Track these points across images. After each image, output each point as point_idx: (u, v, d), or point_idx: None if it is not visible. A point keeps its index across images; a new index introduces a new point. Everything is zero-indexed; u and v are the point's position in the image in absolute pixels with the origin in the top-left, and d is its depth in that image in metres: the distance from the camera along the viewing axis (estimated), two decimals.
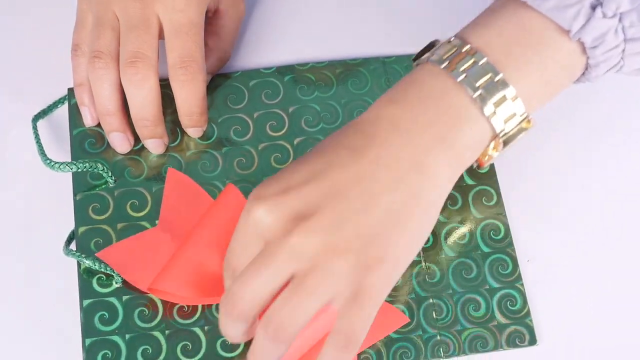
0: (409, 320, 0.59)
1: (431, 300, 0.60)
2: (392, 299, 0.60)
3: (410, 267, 0.61)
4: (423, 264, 0.61)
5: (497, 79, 0.52)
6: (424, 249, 0.61)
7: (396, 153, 0.50)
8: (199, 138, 0.64)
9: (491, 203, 0.63)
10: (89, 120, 0.64)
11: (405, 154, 0.50)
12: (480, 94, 0.51)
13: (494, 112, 0.52)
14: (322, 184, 0.49)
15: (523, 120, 0.53)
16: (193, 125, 0.64)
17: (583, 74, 0.55)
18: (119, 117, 0.63)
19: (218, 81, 0.66)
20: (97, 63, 0.61)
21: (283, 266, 0.49)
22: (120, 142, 0.63)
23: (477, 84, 0.51)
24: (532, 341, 0.59)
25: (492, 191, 0.63)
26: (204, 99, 0.63)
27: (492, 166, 0.64)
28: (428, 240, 0.61)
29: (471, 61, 0.52)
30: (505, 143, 0.53)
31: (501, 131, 0.52)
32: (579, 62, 0.53)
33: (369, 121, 0.52)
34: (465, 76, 0.52)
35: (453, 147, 0.51)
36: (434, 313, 0.60)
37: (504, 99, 0.52)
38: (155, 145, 0.63)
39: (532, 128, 0.53)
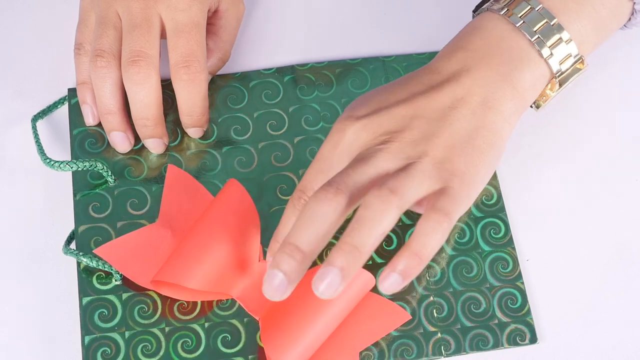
0: (410, 317, 0.59)
1: (432, 299, 0.60)
2: (392, 297, 0.60)
3: None
4: None
5: (552, 23, 0.57)
6: None
7: (467, 90, 0.56)
8: (199, 138, 0.64)
9: (491, 202, 0.63)
10: (90, 119, 0.64)
11: (475, 90, 0.56)
12: (538, 38, 0.57)
13: (551, 54, 0.57)
14: (408, 107, 0.55)
15: (577, 61, 0.58)
16: (194, 125, 0.64)
17: (629, 19, 0.61)
18: (119, 116, 0.63)
19: (218, 82, 0.66)
20: (99, 62, 0.61)
21: (381, 164, 0.54)
22: (120, 142, 0.63)
23: (535, 29, 0.57)
24: (533, 339, 0.59)
25: (493, 190, 0.63)
26: (205, 98, 0.63)
27: None
28: None
29: (527, 7, 0.57)
30: (561, 83, 0.58)
31: (557, 71, 0.58)
32: (626, 6, 0.59)
33: (441, 65, 0.57)
34: (523, 22, 0.57)
35: (516, 86, 0.56)
36: (434, 311, 0.60)
37: (559, 41, 0.57)
38: (155, 145, 0.63)
39: (586, 70, 0.59)
